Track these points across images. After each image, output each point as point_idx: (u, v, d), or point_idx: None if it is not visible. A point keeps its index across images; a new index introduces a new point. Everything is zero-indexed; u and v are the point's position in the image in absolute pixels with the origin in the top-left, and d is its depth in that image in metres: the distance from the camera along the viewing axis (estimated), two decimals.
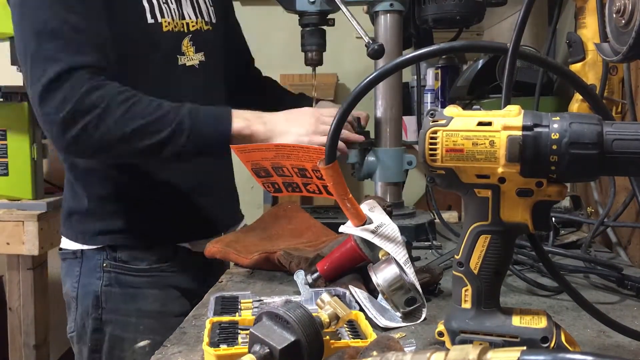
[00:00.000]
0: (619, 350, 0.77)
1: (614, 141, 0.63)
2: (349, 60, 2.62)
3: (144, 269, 1.32)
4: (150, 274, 1.32)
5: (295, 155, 1.17)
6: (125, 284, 1.31)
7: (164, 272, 1.33)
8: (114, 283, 1.31)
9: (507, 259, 0.71)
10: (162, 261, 1.33)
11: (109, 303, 1.31)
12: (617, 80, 1.26)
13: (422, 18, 1.42)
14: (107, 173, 1.31)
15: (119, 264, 1.31)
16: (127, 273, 1.31)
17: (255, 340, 0.66)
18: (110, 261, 1.31)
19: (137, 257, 1.32)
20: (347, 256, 0.99)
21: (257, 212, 2.53)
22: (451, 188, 0.70)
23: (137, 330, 1.30)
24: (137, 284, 1.31)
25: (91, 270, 1.32)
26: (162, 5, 1.28)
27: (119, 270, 1.31)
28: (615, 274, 1.04)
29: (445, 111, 0.69)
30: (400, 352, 0.58)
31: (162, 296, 1.33)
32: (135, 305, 1.31)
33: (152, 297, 1.32)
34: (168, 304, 1.33)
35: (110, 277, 1.31)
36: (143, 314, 1.31)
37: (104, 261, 1.31)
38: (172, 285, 1.34)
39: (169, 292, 1.34)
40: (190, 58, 1.33)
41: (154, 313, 1.32)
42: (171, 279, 1.34)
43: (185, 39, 1.33)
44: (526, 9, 0.75)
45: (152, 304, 1.32)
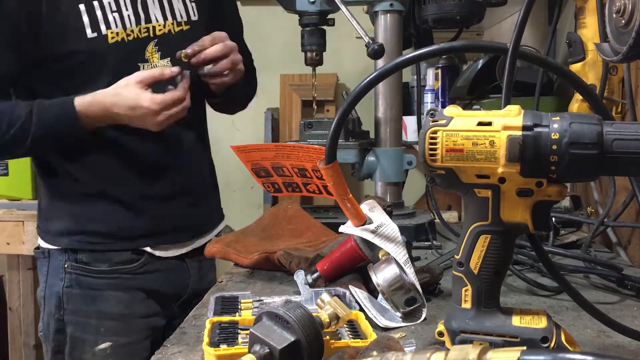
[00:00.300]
0: (619, 350, 0.77)
1: (614, 141, 0.63)
2: (349, 60, 2.61)
3: (105, 270, 1.29)
4: (112, 276, 1.29)
5: (295, 155, 1.17)
6: (86, 286, 1.29)
7: (126, 274, 1.30)
8: (75, 284, 1.29)
9: (507, 259, 0.71)
10: (125, 263, 1.30)
11: (70, 304, 1.29)
12: (617, 80, 1.26)
13: (422, 18, 1.42)
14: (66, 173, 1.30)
15: (80, 265, 1.29)
16: (87, 275, 1.29)
17: (255, 340, 0.66)
18: (72, 262, 1.29)
19: (98, 258, 1.29)
20: (347, 256, 0.99)
21: (257, 212, 2.54)
22: (451, 188, 0.70)
23: (97, 332, 1.28)
24: (98, 285, 1.29)
25: (55, 270, 1.31)
26: (110, 16, 1.22)
27: (80, 271, 1.29)
28: (615, 274, 1.04)
29: (445, 111, 0.69)
30: (400, 352, 0.58)
31: (125, 298, 1.30)
32: (95, 307, 1.29)
33: (114, 299, 1.29)
34: (133, 306, 1.31)
35: (71, 278, 1.29)
36: (104, 316, 1.29)
37: (65, 262, 1.30)
38: (137, 287, 1.31)
39: (134, 294, 1.31)
40: (154, 65, 1.27)
41: (116, 315, 1.29)
42: (135, 281, 1.31)
43: (149, 44, 1.27)
44: (526, 9, 0.75)
45: (114, 306, 1.29)
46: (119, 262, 1.30)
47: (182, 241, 1.37)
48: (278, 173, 1.24)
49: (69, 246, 1.30)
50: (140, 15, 1.26)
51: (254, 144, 1.25)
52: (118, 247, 1.30)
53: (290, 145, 1.18)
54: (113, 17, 1.23)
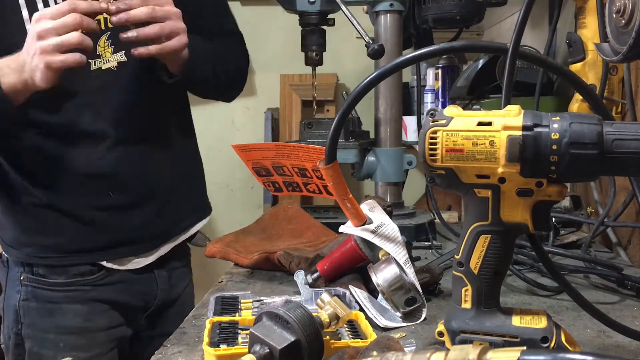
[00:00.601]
0: (619, 350, 0.77)
1: (614, 141, 0.63)
2: (349, 60, 2.61)
3: (63, 282, 1.22)
4: (69, 288, 1.23)
5: (295, 155, 1.17)
6: (43, 299, 1.22)
7: (85, 286, 1.23)
8: (31, 297, 1.23)
9: (507, 259, 0.71)
10: (83, 275, 1.23)
11: (27, 318, 1.23)
12: (617, 80, 1.26)
13: (422, 18, 1.42)
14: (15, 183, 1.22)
15: (36, 277, 1.23)
16: (44, 287, 1.22)
17: (255, 340, 0.66)
18: (28, 274, 1.23)
19: (54, 271, 1.22)
20: (347, 256, 0.99)
21: (257, 212, 2.54)
22: (451, 188, 0.70)
23: (56, 347, 1.22)
24: (55, 298, 1.22)
25: (13, 282, 1.25)
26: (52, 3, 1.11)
27: (36, 284, 1.23)
28: (615, 274, 1.04)
29: (445, 111, 0.69)
30: (400, 352, 0.58)
31: (85, 311, 1.23)
32: (53, 321, 1.22)
33: (72, 312, 1.22)
34: (93, 319, 1.24)
35: (27, 290, 1.23)
36: (62, 330, 1.22)
37: (21, 274, 1.24)
38: (97, 299, 1.24)
39: (93, 306, 1.24)
40: (106, 60, 1.17)
41: (75, 329, 1.23)
42: (95, 292, 1.24)
43: (101, 39, 1.16)
44: (526, 9, 0.75)
45: (72, 320, 1.22)
46: (76, 274, 1.23)
47: (144, 252, 1.28)
48: (278, 172, 1.24)
49: (20, 259, 1.24)
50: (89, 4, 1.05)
51: (255, 143, 1.25)
52: (70, 261, 1.23)
53: (290, 145, 1.18)
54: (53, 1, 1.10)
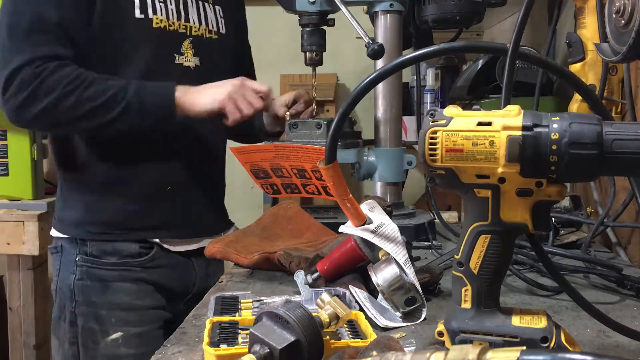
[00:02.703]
0: (618, 350, 0.77)
1: (613, 141, 0.63)
2: (349, 60, 2.61)
3: (114, 262, 1.34)
4: (120, 268, 1.34)
5: (295, 155, 1.17)
6: (96, 278, 1.33)
7: (135, 267, 1.35)
8: (86, 277, 1.33)
9: (507, 259, 0.71)
10: (133, 256, 1.35)
11: (81, 296, 1.33)
12: (616, 80, 1.26)
13: (422, 18, 1.42)
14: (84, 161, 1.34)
15: (90, 258, 1.34)
16: (98, 267, 1.33)
17: (255, 340, 0.66)
18: (82, 255, 1.34)
19: (107, 251, 1.34)
20: (347, 256, 0.99)
21: (257, 212, 2.54)
22: (451, 188, 0.70)
23: (109, 323, 1.32)
24: (108, 277, 1.33)
25: (67, 264, 1.36)
26: (157, 4, 1.32)
27: (90, 264, 1.33)
28: (615, 274, 1.04)
29: (445, 111, 0.69)
30: (400, 352, 0.58)
31: (135, 290, 1.34)
32: (105, 298, 1.33)
33: (123, 290, 1.33)
34: (140, 297, 1.35)
35: (82, 271, 1.34)
36: (114, 307, 1.33)
37: (77, 255, 1.34)
38: (144, 279, 1.35)
39: (142, 286, 1.35)
40: (188, 59, 1.37)
41: (126, 305, 1.33)
42: (144, 273, 1.35)
43: (185, 40, 1.37)
44: (526, 9, 0.75)
45: (122, 297, 1.33)
46: (127, 255, 1.34)
47: (190, 237, 1.41)
48: (277, 174, 1.24)
49: (79, 236, 1.35)
50: (181, 12, 1.36)
51: (253, 145, 1.25)
52: (127, 237, 1.34)
53: (289, 146, 1.18)
54: (160, 6, 1.32)
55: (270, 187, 1.29)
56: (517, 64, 1.05)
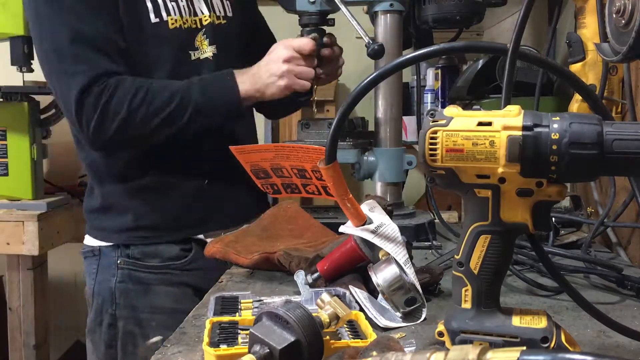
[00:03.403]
0: (619, 350, 0.77)
1: (614, 141, 0.63)
2: (349, 60, 2.60)
3: (156, 265, 1.35)
4: (161, 271, 1.35)
5: (295, 155, 1.17)
6: (138, 281, 1.35)
7: (175, 269, 1.36)
8: (127, 280, 1.35)
9: (507, 259, 0.71)
10: (174, 259, 1.36)
11: (123, 299, 1.34)
12: (617, 80, 1.26)
13: (422, 18, 1.42)
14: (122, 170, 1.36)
15: (132, 260, 1.35)
16: (139, 270, 1.35)
17: (255, 340, 0.66)
18: (124, 258, 1.35)
19: (149, 254, 1.35)
20: (347, 256, 0.99)
21: None
22: (451, 188, 0.70)
23: (149, 326, 1.33)
24: (150, 280, 1.35)
25: (107, 267, 1.36)
26: (169, 4, 1.32)
27: (132, 267, 1.35)
28: (615, 274, 1.04)
29: (445, 111, 0.69)
30: (400, 352, 0.58)
31: (174, 293, 1.35)
32: (147, 301, 1.34)
33: (164, 293, 1.35)
34: (180, 301, 1.34)
35: (124, 273, 1.35)
36: (155, 310, 1.34)
37: (118, 258, 1.35)
38: (184, 283, 1.37)
39: (182, 289, 1.36)
40: (203, 51, 1.38)
41: (166, 309, 1.34)
42: (183, 277, 1.36)
43: (198, 34, 1.37)
44: (526, 9, 0.75)
45: (163, 301, 1.34)
46: (169, 258, 1.36)
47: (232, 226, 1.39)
48: (277, 174, 1.24)
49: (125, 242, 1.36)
50: (191, 7, 1.37)
51: (253, 145, 1.25)
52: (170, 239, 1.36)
53: (289, 146, 1.18)
54: (172, 5, 1.33)
55: (271, 187, 1.29)
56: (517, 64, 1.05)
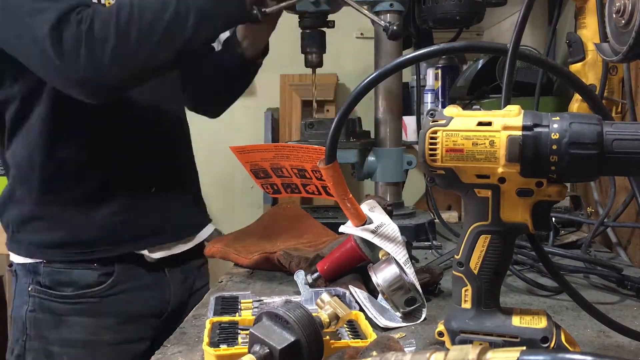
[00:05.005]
0: (619, 350, 0.77)
1: (614, 141, 0.63)
2: (349, 60, 2.61)
3: (69, 295, 1.21)
4: (77, 301, 1.21)
5: (295, 155, 1.17)
6: (50, 311, 1.21)
7: (93, 297, 1.22)
8: (39, 309, 1.21)
9: (507, 259, 0.71)
10: (91, 286, 1.21)
11: (33, 330, 1.22)
12: (617, 80, 1.26)
13: (422, 18, 1.42)
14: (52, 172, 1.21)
15: (43, 289, 1.21)
16: (52, 299, 1.21)
17: (255, 340, 0.66)
18: (36, 285, 1.21)
19: (62, 282, 1.21)
20: (347, 256, 0.99)
21: (257, 212, 2.54)
22: (451, 188, 0.70)
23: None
24: (63, 311, 1.21)
25: (21, 292, 1.24)
26: None
27: (44, 295, 1.21)
28: (615, 274, 1.04)
29: (445, 111, 0.69)
30: (400, 352, 0.58)
31: (92, 324, 1.22)
32: (59, 333, 1.21)
33: (79, 325, 1.21)
34: (99, 333, 1.22)
35: (35, 302, 1.22)
36: (67, 344, 1.21)
37: (29, 285, 1.22)
38: (106, 311, 1.23)
39: (102, 319, 1.22)
40: None
41: (80, 342, 1.21)
42: (103, 304, 1.22)
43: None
44: (526, 9, 0.75)
45: (78, 333, 1.21)
46: (84, 286, 1.21)
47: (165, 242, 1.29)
48: (277, 174, 1.24)
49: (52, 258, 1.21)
50: None
51: (253, 145, 1.25)
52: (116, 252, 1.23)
53: (289, 146, 1.18)
54: None
55: (271, 187, 1.29)
56: (517, 64, 1.05)
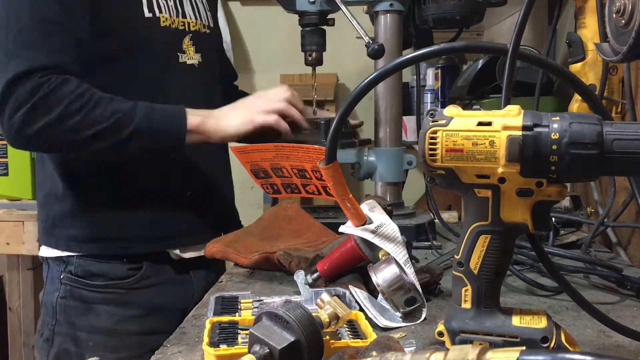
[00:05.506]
0: (619, 350, 0.77)
1: (613, 141, 0.63)
2: (349, 60, 2.61)
3: (99, 284, 1.27)
4: (105, 290, 1.27)
5: (295, 155, 1.17)
6: (79, 298, 1.27)
7: (121, 289, 1.28)
8: (69, 296, 1.27)
9: (507, 259, 0.71)
10: (120, 278, 1.28)
11: (62, 315, 1.28)
12: (617, 80, 1.26)
13: (422, 18, 1.42)
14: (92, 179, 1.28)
15: (74, 277, 1.27)
16: (81, 287, 1.27)
17: (255, 340, 0.66)
18: (67, 274, 1.27)
19: (93, 272, 1.27)
20: (347, 256, 0.99)
21: (257, 212, 2.54)
22: (451, 188, 0.70)
23: (86, 346, 1.26)
24: (91, 299, 1.27)
25: (53, 280, 1.30)
26: (161, 1, 1.28)
27: (74, 283, 1.27)
28: (615, 274, 1.04)
29: (445, 111, 0.69)
30: (400, 352, 0.58)
31: (118, 313, 1.27)
32: (86, 320, 1.26)
33: (105, 313, 1.27)
34: (124, 322, 1.28)
35: (66, 289, 1.28)
36: (94, 330, 1.26)
37: (61, 273, 1.28)
38: (132, 302, 1.28)
39: (127, 309, 1.28)
40: (190, 57, 1.34)
41: (106, 330, 1.27)
42: (130, 296, 1.28)
43: (186, 37, 1.33)
44: (526, 9, 0.75)
45: (105, 321, 1.27)
46: (114, 277, 1.28)
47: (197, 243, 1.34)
48: (277, 174, 1.24)
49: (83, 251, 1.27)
50: (179, 8, 1.33)
51: (254, 145, 1.25)
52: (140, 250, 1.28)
53: (289, 146, 1.18)
54: (163, 3, 1.29)
55: (270, 187, 1.29)
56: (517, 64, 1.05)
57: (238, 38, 2.60)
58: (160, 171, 1.30)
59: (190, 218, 1.34)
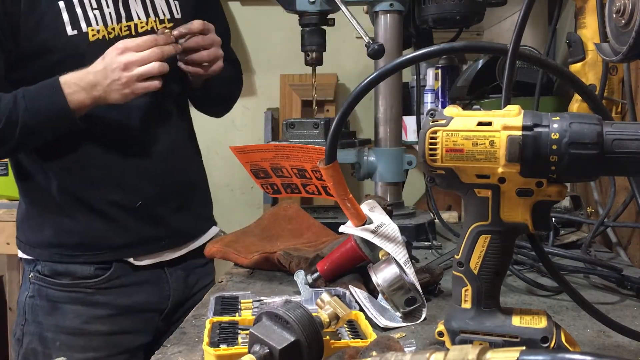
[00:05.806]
0: (619, 350, 0.77)
1: (613, 141, 0.63)
2: (349, 60, 2.61)
3: (67, 283, 1.26)
4: (73, 289, 1.26)
5: (295, 155, 1.17)
6: (46, 297, 1.27)
7: (89, 288, 1.26)
8: (37, 295, 1.27)
9: (507, 259, 0.71)
10: (87, 278, 1.26)
11: (30, 315, 1.28)
12: (617, 80, 1.26)
13: (422, 18, 1.42)
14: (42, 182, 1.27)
15: (42, 276, 1.27)
16: (49, 286, 1.27)
17: (255, 340, 0.66)
18: (35, 273, 1.28)
19: (60, 272, 1.26)
20: (347, 256, 0.99)
21: (257, 212, 2.54)
22: (451, 188, 0.70)
23: (53, 346, 1.25)
24: (58, 298, 1.26)
25: (25, 279, 1.31)
26: (90, 13, 1.20)
27: (42, 282, 1.27)
28: (615, 275, 1.04)
29: (445, 111, 0.69)
30: (400, 352, 0.58)
31: (85, 313, 1.26)
32: (53, 319, 1.26)
33: (73, 313, 1.26)
34: (92, 322, 1.26)
35: (34, 288, 1.28)
36: (60, 330, 1.25)
37: (30, 272, 1.29)
38: (100, 302, 1.27)
39: (95, 309, 1.27)
40: None
41: (73, 329, 1.25)
42: (99, 296, 1.27)
43: None
44: (526, 9, 0.75)
45: (71, 320, 1.25)
46: (81, 277, 1.26)
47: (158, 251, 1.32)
48: (277, 174, 1.24)
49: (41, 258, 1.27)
50: (122, 13, 1.24)
51: (254, 145, 1.25)
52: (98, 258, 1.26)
53: (289, 146, 1.18)
54: (94, 14, 1.20)
55: (270, 187, 1.29)
56: (518, 64, 1.05)
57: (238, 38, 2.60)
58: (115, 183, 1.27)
59: (140, 228, 1.29)
